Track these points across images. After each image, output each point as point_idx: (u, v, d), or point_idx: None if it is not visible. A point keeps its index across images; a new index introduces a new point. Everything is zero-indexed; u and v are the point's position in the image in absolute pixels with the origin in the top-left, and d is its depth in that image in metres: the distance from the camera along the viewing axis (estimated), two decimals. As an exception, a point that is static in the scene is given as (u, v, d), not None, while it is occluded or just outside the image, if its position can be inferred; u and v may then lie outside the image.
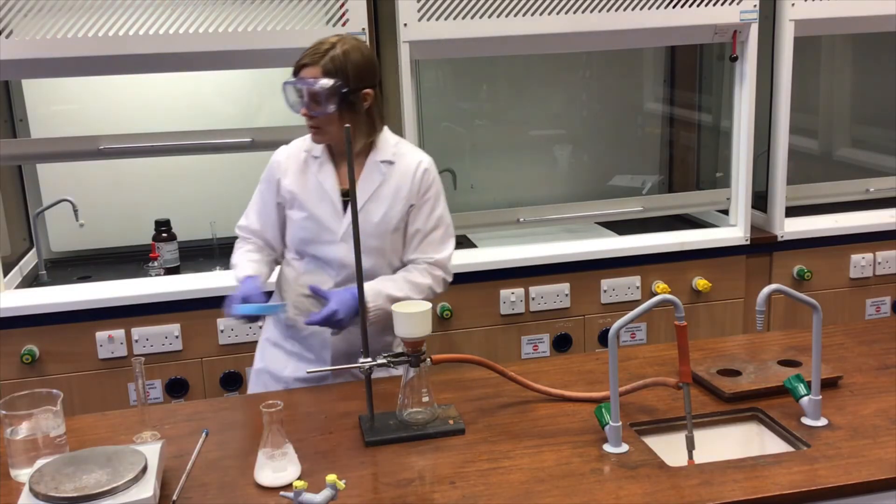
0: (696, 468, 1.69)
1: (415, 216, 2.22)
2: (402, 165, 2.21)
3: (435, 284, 2.23)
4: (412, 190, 2.20)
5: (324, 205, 2.19)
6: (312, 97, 2.08)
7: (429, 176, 2.23)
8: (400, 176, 2.20)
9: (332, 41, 2.11)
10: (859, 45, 3.80)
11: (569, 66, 3.68)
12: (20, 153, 3.08)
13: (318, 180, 2.20)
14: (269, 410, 1.68)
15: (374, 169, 2.20)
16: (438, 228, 2.24)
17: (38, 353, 2.79)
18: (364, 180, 2.19)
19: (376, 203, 2.18)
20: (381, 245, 2.21)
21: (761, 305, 1.79)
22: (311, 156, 2.23)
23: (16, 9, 2.60)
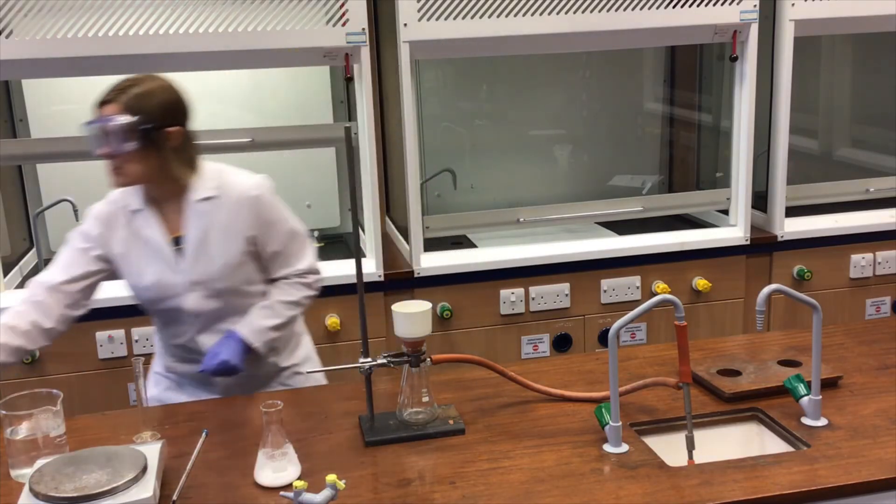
0: (696, 468, 1.69)
1: (266, 241, 2.12)
2: (230, 198, 2.09)
3: (310, 292, 2.20)
4: (248, 222, 2.09)
5: (156, 262, 2.08)
6: (111, 135, 1.94)
7: (262, 201, 2.11)
8: (229, 210, 2.08)
9: (137, 79, 2.00)
10: (859, 45, 3.80)
11: (569, 66, 3.68)
12: (20, 153, 3.08)
13: (145, 236, 2.08)
14: (269, 410, 1.68)
15: (195, 211, 2.07)
16: (294, 240, 2.17)
17: (37, 353, 2.79)
18: (190, 225, 2.08)
19: (210, 245, 2.08)
20: (231, 284, 2.11)
21: (761, 305, 1.79)
22: (129, 210, 2.10)
23: (16, 9, 2.60)
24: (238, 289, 2.14)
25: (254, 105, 3.38)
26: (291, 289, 2.17)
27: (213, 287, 2.10)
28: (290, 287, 2.18)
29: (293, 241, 2.17)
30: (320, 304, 2.95)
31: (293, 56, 2.84)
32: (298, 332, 2.36)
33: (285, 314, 2.15)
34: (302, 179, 3.45)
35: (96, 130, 1.96)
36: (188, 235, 2.08)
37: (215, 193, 2.09)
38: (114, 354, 2.85)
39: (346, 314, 2.99)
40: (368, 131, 2.91)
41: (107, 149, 1.96)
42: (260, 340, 2.10)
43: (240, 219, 2.09)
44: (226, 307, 2.14)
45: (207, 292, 2.11)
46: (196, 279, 2.09)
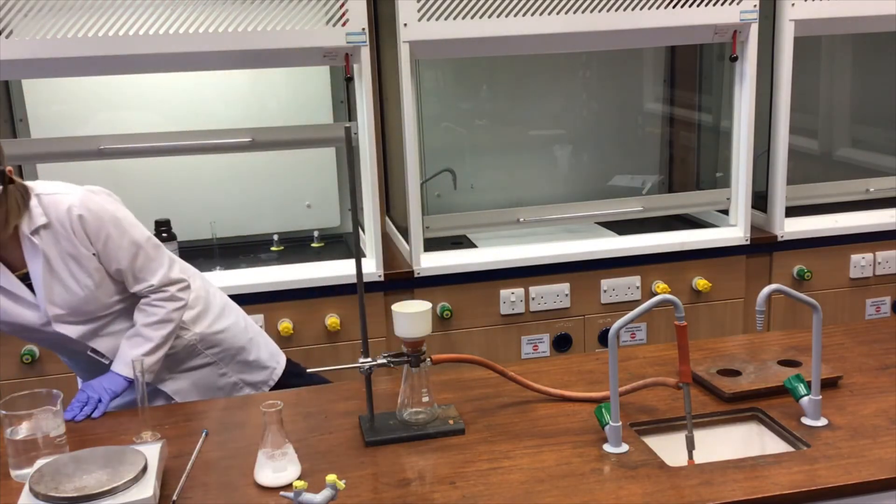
0: (696, 468, 1.69)
1: (108, 258, 1.99)
2: (56, 221, 1.94)
3: (173, 304, 2.08)
4: (82, 241, 1.97)
5: (11, 303, 1.98)
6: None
7: (89, 217, 1.96)
8: (61, 233, 1.94)
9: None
10: (859, 45, 3.80)
11: (569, 66, 3.68)
12: (20, 153, 3.07)
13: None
14: (269, 410, 1.68)
15: (30, 245, 1.94)
16: (139, 254, 2.03)
17: (38, 353, 2.79)
18: (30, 261, 1.95)
19: (58, 274, 1.97)
20: (97, 307, 2.04)
21: (761, 305, 1.79)
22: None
23: (16, 9, 2.60)
24: (106, 307, 2.06)
25: (254, 105, 3.38)
26: (151, 308, 2.06)
27: (80, 312, 2.01)
28: (149, 307, 2.06)
29: (136, 255, 2.03)
30: (320, 304, 2.97)
31: (293, 56, 2.84)
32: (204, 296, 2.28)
33: (155, 336, 2.05)
34: (302, 179, 3.45)
35: None
36: (31, 271, 1.96)
37: (44, 221, 1.94)
38: (114, 354, 2.84)
39: (346, 314, 2.99)
40: (368, 131, 2.91)
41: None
42: (133, 370, 1.95)
43: (75, 242, 1.96)
44: (121, 325, 2.09)
45: (77, 318, 2.02)
46: (58, 312, 2.00)
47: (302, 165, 3.43)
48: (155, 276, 2.06)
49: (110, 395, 2.03)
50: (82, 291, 2.00)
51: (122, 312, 2.11)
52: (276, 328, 2.93)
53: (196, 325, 2.23)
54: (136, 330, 2.07)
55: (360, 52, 2.84)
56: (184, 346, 2.21)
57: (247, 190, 3.41)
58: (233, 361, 2.30)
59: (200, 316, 2.25)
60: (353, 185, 1.86)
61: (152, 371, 2.08)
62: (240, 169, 3.37)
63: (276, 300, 2.93)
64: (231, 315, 2.35)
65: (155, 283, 2.06)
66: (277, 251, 3.38)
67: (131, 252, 2.02)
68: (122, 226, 2.01)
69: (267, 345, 2.42)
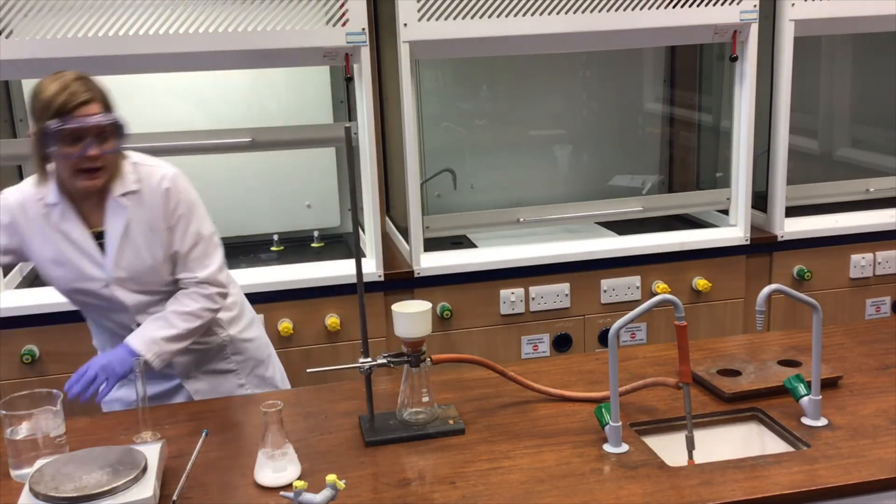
0: (696, 468, 1.69)
1: (172, 237, 2.07)
2: (147, 190, 2.04)
3: (208, 303, 2.10)
4: (164, 213, 2.05)
5: (79, 256, 2.04)
6: (104, 135, 1.91)
7: (174, 193, 2.06)
8: (148, 203, 2.04)
9: (76, 74, 1.91)
10: (859, 45, 3.79)
11: (569, 66, 3.68)
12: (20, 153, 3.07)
13: (65, 230, 2.02)
14: (269, 410, 1.68)
15: (116, 207, 2.02)
16: (198, 245, 2.09)
17: (38, 353, 2.79)
18: (111, 221, 2.03)
19: (135, 240, 2.04)
20: (157, 277, 2.09)
21: (761, 305, 1.79)
22: (44, 203, 2.02)
23: (16, 9, 2.60)
24: (168, 284, 2.11)
25: (254, 105, 3.38)
26: (187, 299, 2.09)
27: (141, 282, 2.06)
28: (185, 297, 2.09)
29: (196, 244, 2.09)
30: (320, 304, 2.97)
31: (293, 56, 2.84)
32: (241, 302, 2.36)
33: (181, 326, 2.06)
34: (302, 179, 3.45)
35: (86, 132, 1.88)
36: (109, 231, 2.03)
37: (135, 188, 2.03)
38: (114, 354, 2.84)
39: (346, 314, 2.99)
40: (368, 131, 2.91)
41: (100, 149, 1.91)
42: (152, 351, 2.01)
43: (157, 212, 2.04)
44: (164, 298, 2.12)
45: (136, 287, 2.07)
46: (121, 275, 2.05)
47: (302, 165, 3.43)
48: (204, 271, 2.10)
49: (115, 378, 1.99)
50: (150, 261, 2.06)
51: (172, 296, 2.13)
52: (276, 328, 2.93)
53: (230, 327, 2.28)
54: (164, 314, 2.08)
55: (360, 52, 2.84)
56: (216, 346, 2.26)
57: (247, 190, 3.41)
58: (252, 374, 2.34)
59: (235, 320, 2.30)
60: (353, 185, 1.86)
61: (164, 360, 2.06)
62: (240, 169, 3.37)
63: (275, 300, 2.93)
64: (258, 328, 2.42)
65: (200, 277, 2.10)
66: (277, 251, 3.38)
67: (193, 240, 2.08)
68: (196, 213, 2.10)
69: (280, 368, 2.48)
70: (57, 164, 1.95)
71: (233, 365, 2.31)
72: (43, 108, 1.87)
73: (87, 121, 1.87)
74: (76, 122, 1.86)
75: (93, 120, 1.88)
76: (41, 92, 1.89)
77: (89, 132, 1.89)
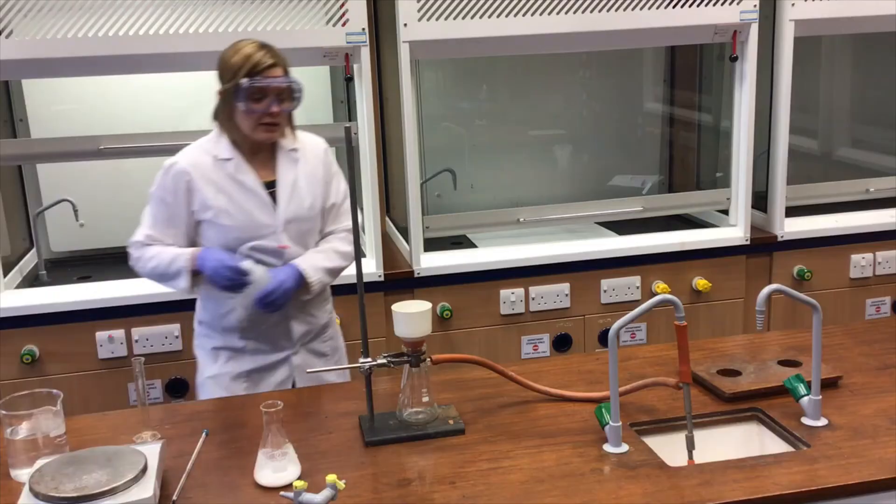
0: (696, 468, 1.69)
1: (329, 190, 2.35)
2: (308, 149, 2.33)
3: (352, 251, 2.27)
4: (325, 170, 2.34)
5: (253, 203, 2.24)
6: (286, 94, 2.18)
7: (331, 155, 2.39)
8: (311, 159, 2.32)
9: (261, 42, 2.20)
10: (859, 45, 3.80)
11: (569, 66, 3.68)
12: (20, 153, 3.08)
13: (240, 181, 2.24)
14: (269, 410, 1.68)
15: (288, 158, 2.30)
16: (346, 200, 2.36)
17: (38, 353, 2.79)
18: (282, 172, 2.28)
19: (301, 189, 2.29)
20: (314, 226, 2.33)
21: (761, 305, 1.79)
22: (218, 159, 2.24)
23: (16, 9, 2.60)
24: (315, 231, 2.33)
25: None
26: (341, 242, 2.34)
27: (300, 228, 2.28)
28: (338, 241, 2.34)
29: (345, 199, 2.37)
30: (320, 304, 2.96)
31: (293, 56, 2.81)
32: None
33: (337, 262, 2.31)
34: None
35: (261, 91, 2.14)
36: (281, 180, 2.27)
37: (297, 146, 2.32)
38: (114, 354, 2.85)
39: (346, 314, 2.99)
40: (368, 131, 2.91)
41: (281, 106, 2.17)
42: (315, 276, 2.25)
43: (319, 167, 2.33)
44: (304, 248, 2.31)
45: (295, 233, 2.28)
46: (289, 218, 2.27)
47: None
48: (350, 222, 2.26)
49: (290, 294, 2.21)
50: (311, 209, 2.30)
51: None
52: (276, 328, 2.93)
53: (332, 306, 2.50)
54: (323, 249, 2.31)
55: (360, 52, 2.84)
56: (322, 324, 2.42)
57: (247, 190, 3.41)
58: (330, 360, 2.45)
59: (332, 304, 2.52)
60: (353, 185, 1.86)
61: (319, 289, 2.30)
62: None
63: (276, 300, 2.93)
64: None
65: (349, 227, 2.31)
66: (277, 251, 3.38)
67: (345, 195, 2.37)
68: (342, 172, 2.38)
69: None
70: (241, 118, 2.19)
71: (326, 348, 2.44)
72: (237, 67, 2.14)
73: (274, 81, 2.15)
74: (265, 82, 2.14)
75: (278, 81, 2.16)
76: (234, 54, 2.17)
77: (273, 91, 2.16)
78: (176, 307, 2.85)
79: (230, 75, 2.16)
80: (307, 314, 2.36)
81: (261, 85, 2.14)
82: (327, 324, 2.45)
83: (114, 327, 2.83)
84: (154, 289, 2.86)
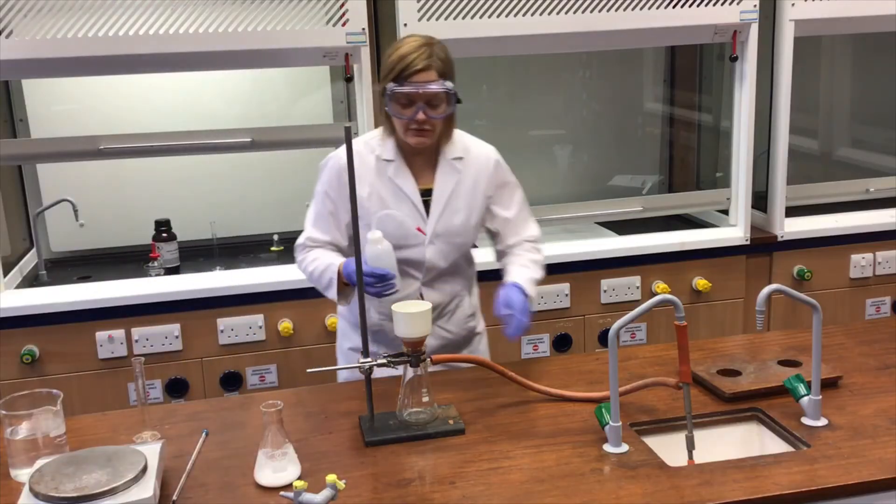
0: (696, 468, 1.69)
1: (500, 206, 2.26)
2: (474, 159, 2.22)
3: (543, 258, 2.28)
4: (489, 183, 2.23)
5: (405, 210, 2.17)
6: (437, 100, 2.07)
7: (501, 166, 2.27)
8: (474, 171, 2.22)
9: (423, 41, 2.07)
10: (859, 45, 3.80)
11: (569, 66, 3.68)
12: (20, 153, 3.08)
13: (397, 184, 2.17)
14: (269, 410, 1.68)
15: (449, 167, 2.20)
16: (524, 209, 2.30)
17: (38, 353, 2.79)
18: (441, 179, 2.19)
19: (457, 200, 2.19)
20: (465, 241, 2.24)
21: (761, 305, 1.79)
22: (381, 159, 2.18)
23: (16, 9, 2.60)
24: (466, 246, 2.26)
25: (254, 105, 3.38)
26: (533, 254, 2.26)
27: (449, 242, 2.20)
28: (526, 251, 2.26)
29: (523, 209, 2.30)
30: (320, 304, 2.96)
31: (293, 56, 2.84)
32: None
33: (539, 272, 2.23)
34: (302, 179, 3.44)
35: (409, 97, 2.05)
36: (438, 189, 2.19)
37: (462, 155, 2.21)
38: (114, 354, 2.85)
39: (346, 314, 2.99)
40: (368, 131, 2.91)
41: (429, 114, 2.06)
42: (533, 291, 2.16)
43: (482, 180, 2.22)
44: (450, 266, 2.24)
45: (445, 246, 2.20)
46: (439, 231, 2.19)
47: (302, 165, 3.42)
48: (534, 230, 2.30)
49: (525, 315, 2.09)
50: (465, 222, 2.21)
51: (455, 270, 2.27)
52: (276, 328, 2.93)
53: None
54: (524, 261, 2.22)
55: (360, 52, 2.84)
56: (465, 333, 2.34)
57: (247, 190, 3.41)
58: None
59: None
60: (353, 185, 1.86)
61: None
62: (240, 169, 3.37)
63: (276, 300, 2.93)
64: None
65: (535, 235, 2.29)
66: (277, 251, 3.38)
67: (521, 205, 2.29)
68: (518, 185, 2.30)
69: None
70: (394, 120, 2.12)
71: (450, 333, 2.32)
72: (388, 69, 2.07)
73: (421, 87, 2.04)
74: (411, 87, 2.04)
75: (425, 87, 2.04)
76: (394, 51, 2.08)
77: (422, 98, 2.05)
78: (176, 307, 2.86)
79: (384, 74, 2.08)
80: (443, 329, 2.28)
81: (406, 91, 2.04)
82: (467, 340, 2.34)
83: (114, 327, 2.83)
84: (154, 289, 2.88)
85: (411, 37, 2.10)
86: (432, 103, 2.06)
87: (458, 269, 2.28)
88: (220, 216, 3.39)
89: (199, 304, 2.87)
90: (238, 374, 2.94)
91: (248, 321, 2.91)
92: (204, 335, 2.90)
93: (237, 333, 2.91)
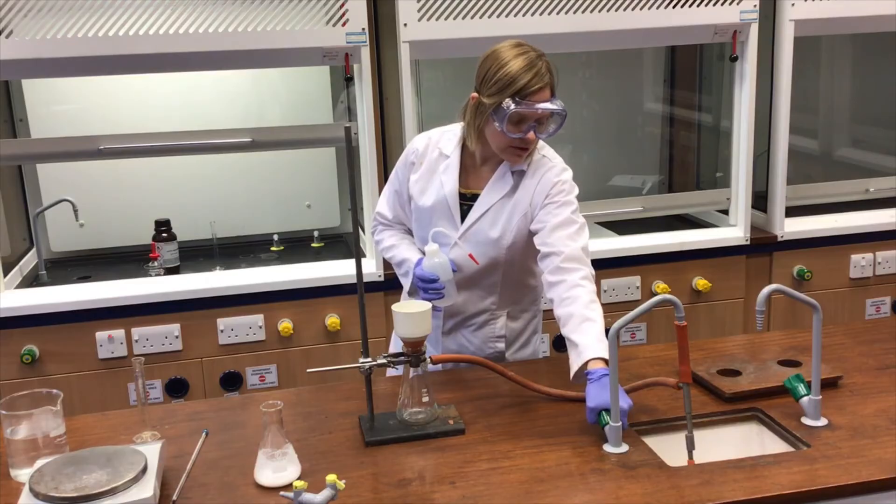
0: (696, 468, 1.69)
1: (546, 213, 2.06)
2: (534, 176, 2.09)
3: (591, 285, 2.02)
4: (536, 200, 2.08)
5: (439, 210, 2.14)
6: (549, 120, 2.00)
7: (563, 187, 2.09)
8: (531, 187, 2.09)
9: (535, 53, 1.98)
10: (859, 45, 3.80)
11: (569, 66, 3.68)
12: (20, 153, 3.08)
13: (442, 180, 2.14)
14: (269, 410, 1.68)
15: (504, 179, 2.10)
16: (574, 222, 2.05)
17: (38, 353, 2.79)
18: (489, 191, 2.12)
19: (496, 218, 2.11)
20: (496, 260, 2.14)
21: (761, 305, 1.79)
22: (442, 154, 2.15)
23: (16, 9, 2.60)
24: (499, 262, 2.14)
25: (254, 105, 3.38)
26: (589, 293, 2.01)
27: (477, 253, 2.11)
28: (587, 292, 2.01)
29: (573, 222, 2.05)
30: (320, 304, 2.97)
31: (293, 56, 2.84)
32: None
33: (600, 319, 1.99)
34: (302, 179, 3.45)
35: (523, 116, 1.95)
36: (485, 195, 2.11)
37: (524, 168, 2.11)
38: (114, 354, 2.85)
39: (346, 314, 2.99)
40: (368, 131, 2.91)
41: (538, 133, 1.99)
42: (606, 352, 1.87)
43: (534, 198, 2.09)
44: (478, 276, 2.17)
45: (479, 257, 2.12)
46: (469, 237, 2.13)
47: (302, 165, 3.43)
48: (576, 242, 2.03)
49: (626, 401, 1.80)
50: (498, 243, 2.11)
51: (490, 287, 2.18)
52: (276, 328, 2.93)
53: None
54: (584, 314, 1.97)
55: (360, 52, 2.84)
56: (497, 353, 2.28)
57: (247, 190, 3.41)
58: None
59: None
60: (353, 185, 1.86)
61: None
62: (240, 169, 3.37)
63: (276, 300, 2.93)
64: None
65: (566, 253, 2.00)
66: (277, 251, 3.38)
67: (566, 220, 2.04)
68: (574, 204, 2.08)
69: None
70: (491, 134, 2.01)
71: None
72: (502, 86, 1.94)
73: (540, 107, 1.94)
74: (530, 108, 1.94)
75: (544, 107, 1.95)
76: (504, 64, 1.95)
77: (535, 118, 1.96)
78: (176, 307, 2.86)
79: (493, 90, 1.95)
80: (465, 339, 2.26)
81: (524, 111, 1.94)
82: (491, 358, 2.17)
83: (114, 327, 2.83)
84: (154, 289, 2.88)
85: (519, 46, 1.98)
86: (541, 121, 1.99)
87: (492, 288, 2.19)
88: (220, 216, 3.39)
89: (199, 304, 2.87)
90: (238, 374, 2.94)
91: (247, 321, 2.91)
92: (204, 335, 2.90)
93: (237, 333, 2.91)
